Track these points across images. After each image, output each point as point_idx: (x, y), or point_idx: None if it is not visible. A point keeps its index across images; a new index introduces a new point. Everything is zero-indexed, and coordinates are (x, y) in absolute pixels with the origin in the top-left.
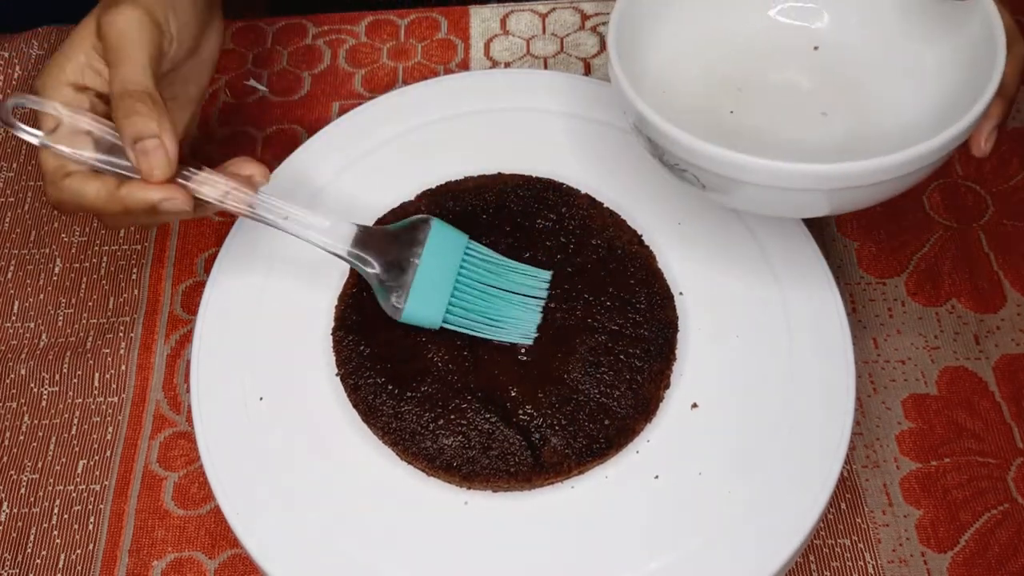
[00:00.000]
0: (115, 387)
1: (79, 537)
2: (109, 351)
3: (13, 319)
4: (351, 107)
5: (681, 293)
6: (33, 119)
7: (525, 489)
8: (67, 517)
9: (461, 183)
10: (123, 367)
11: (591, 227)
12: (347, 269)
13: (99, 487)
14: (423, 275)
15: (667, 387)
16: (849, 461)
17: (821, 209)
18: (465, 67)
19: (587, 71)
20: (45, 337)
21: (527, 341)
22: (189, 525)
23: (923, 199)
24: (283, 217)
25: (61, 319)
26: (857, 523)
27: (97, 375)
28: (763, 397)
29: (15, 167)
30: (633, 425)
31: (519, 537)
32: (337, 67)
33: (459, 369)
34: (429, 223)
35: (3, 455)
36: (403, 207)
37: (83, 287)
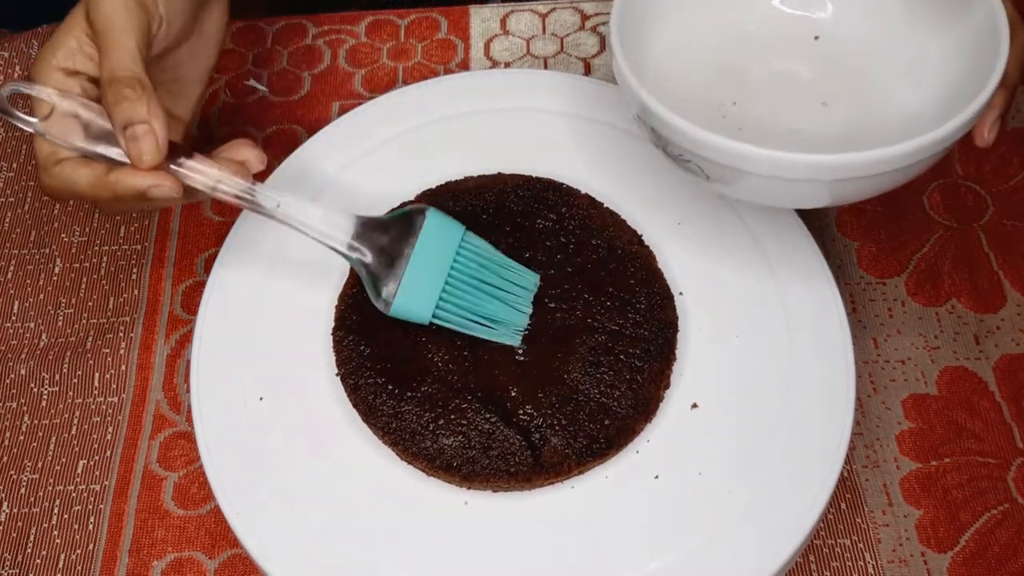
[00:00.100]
0: (115, 387)
1: (79, 537)
2: (109, 351)
3: (13, 319)
4: (351, 107)
5: (681, 293)
6: (29, 108)
7: (525, 489)
8: (67, 517)
9: (461, 183)
10: (123, 367)
11: (591, 227)
12: (347, 269)
13: (99, 487)
14: (415, 268)
15: (667, 387)
16: (849, 461)
17: (822, 199)
18: (465, 67)
19: (587, 71)
20: (45, 337)
21: (514, 343)
22: (189, 525)
23: (923, 199)
24: (275, 205)
25: (61, 319)
26: (857, 523)
27: (97, 375)
28: (763, 397)
29: (15, 167)
30: (633, 425)
31: (519, 537)
32: (337, 67)
33: (459, 369)
34: (425, 213)
35: (3, 455)
36: (403, 207)
37: (83, 287)
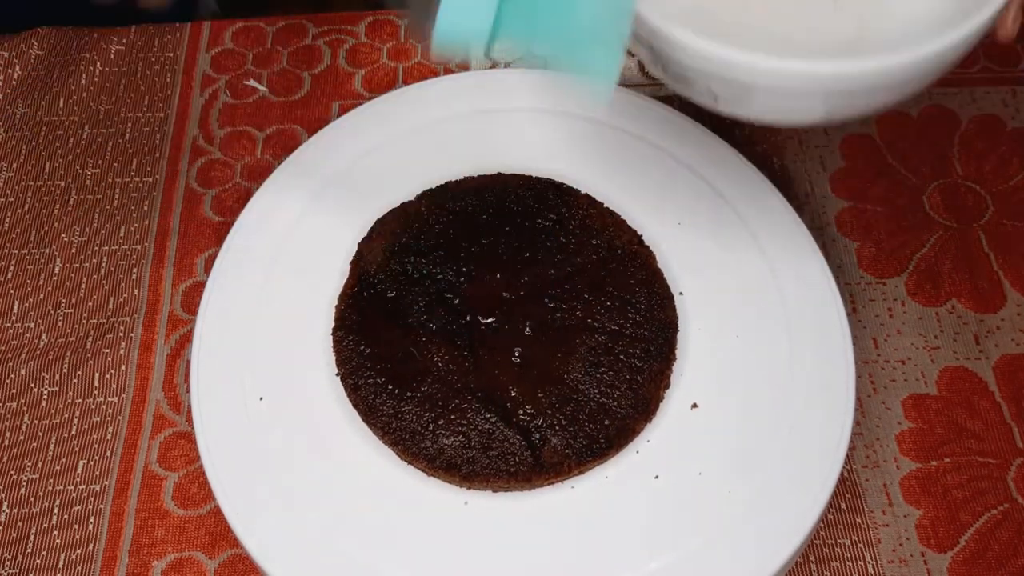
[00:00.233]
0: (115, 387)
1: (79, 537)
2: (109, 351)
3: (13, 319)
4: (351, 107)
5: (681, 293)
6: None
7: (525, 489)
8: (67, 517)
9: (461, 183)
10: (123, 367)
11: (591, 227)
12: (347, 269)
13: (99, 487)
14: None
15: (667, 387)
16: (849, 461)
17: (848, 110)
18: (465, 67)
19: None
20: (45, 337)
21: (607, 91)
22: (189, 525)
23: (923, 199)
24: None
25: (61, 319)
26: (857, 523)
27: (97, 375)
28: (763, 397)
29: (15, 167)
30: (633, 425)
31: (519, 537)
32: (337, 67)
33: (459, 369)
34: None
35: (3, 455)
36: (403, 207)
37: (83, 287)
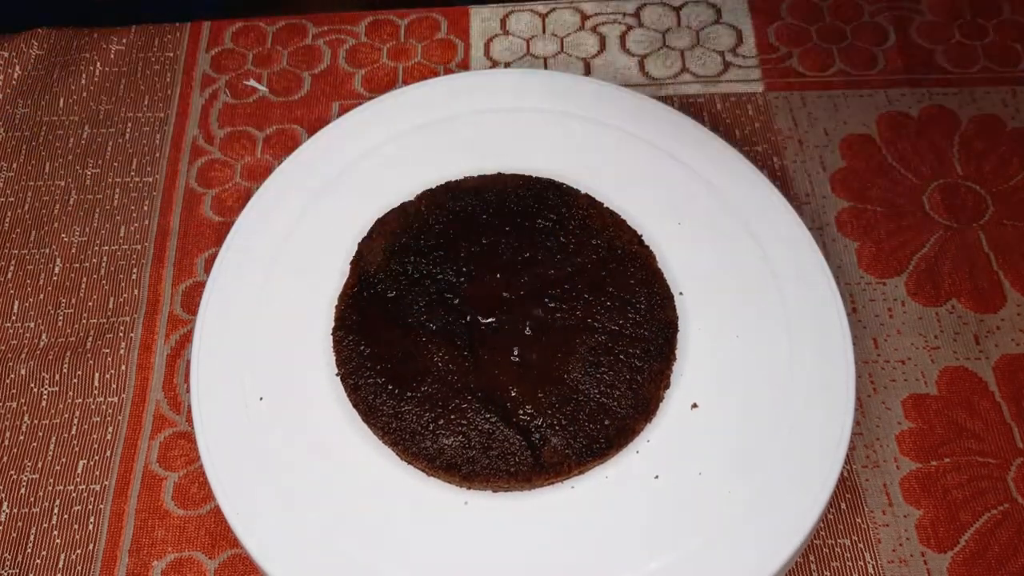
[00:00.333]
0: (115, 387)
1: (79, 537)
2: (109, 351)
3: (13, 319)
4: (351, 107)
5: (681, 293)
6: None
7: (525, 489)
8: (67, 517)
9: (461, 183)
10: (123, 367)
11: (591, 227)
12: (347, 269)
13: (99, 487)
14: None
15: (667, 387)
16: (849, 461)
17: None
18: (465, 67)
19: (587, 71)
20: (45, 337)
21: None
22: (189, 525)
23: (923, 199)
24: None
25: (61, 319)
26: (857, 523)
27: (97, 375)
28: (763, 397)
29: (15, 167)
30: (633, 425)
31: (519, 537)
32: (337, 67)
33: (459, 369)
34: None
35: (3, 455)
36: (403, 207)
37: (83, 287)
